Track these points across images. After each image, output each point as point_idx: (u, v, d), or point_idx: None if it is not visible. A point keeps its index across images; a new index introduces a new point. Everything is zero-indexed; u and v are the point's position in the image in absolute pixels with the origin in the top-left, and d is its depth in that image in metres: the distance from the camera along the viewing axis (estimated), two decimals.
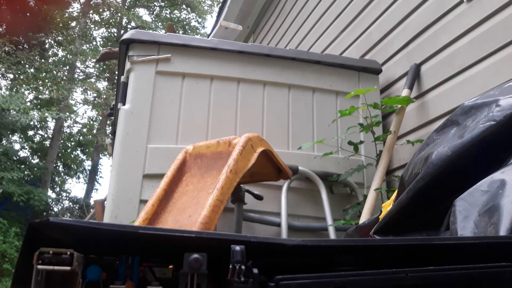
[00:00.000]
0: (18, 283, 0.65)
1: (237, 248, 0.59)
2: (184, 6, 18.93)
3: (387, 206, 1.49)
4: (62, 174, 16.72)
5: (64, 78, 15.12)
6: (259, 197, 2.17)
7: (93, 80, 16.80)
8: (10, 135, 13.44)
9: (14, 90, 14.13)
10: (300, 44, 4.11)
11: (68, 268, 0.57)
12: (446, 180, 1.07)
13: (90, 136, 17.04)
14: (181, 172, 1.97)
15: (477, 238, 0.81)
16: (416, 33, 2.54)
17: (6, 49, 13.20)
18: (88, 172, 17.04)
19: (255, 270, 0.60)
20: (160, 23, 18.16)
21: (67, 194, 16.77)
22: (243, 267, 0.58)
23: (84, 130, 17.53)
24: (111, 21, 17.89)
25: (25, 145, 15.15)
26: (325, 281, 0.63)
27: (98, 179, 16.89)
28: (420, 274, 0.67)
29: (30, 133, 15.77)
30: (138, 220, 1.74)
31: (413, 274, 0.66)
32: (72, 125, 17.25)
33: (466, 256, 0.75)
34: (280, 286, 0.60)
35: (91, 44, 17.23)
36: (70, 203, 16.17)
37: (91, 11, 16.97)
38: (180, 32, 17.81)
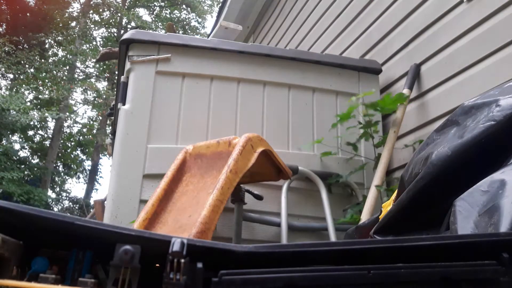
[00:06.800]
0: None
1: (178, 240, 0.53)
2: (184, 6, 18.93)
3: (387, 206, 1.49)
4: (62, 174, 16.73)
5: (64, 78, 15.13)
6: (259, 197, 2.17)
7: (93, 80, 16.81)
8: (10, 135, 13.44)
9: (14, 90, 14.13)
10: (300, 44, 4.11)
11: None
12: (446, 180, 1.07)
13: (90, 136, 17.05)
14: (181, 172, 1.97)
15: (456, 237, 0.73)
16: (416, 33, 2.54)
17: (6, 49, 13.20)
18: (88, 172, 17.04)
19: (200, 265, 0.54)
20: (160, 23, 18.15)
21: (67, 194, 16.80)
22: (182, 260, 0.51)
23: (84, 130, 17.54)
24: (111, 21, 17.89)
25: (25, 145, 15.16)
26: (273, 277, 0.56)
27: (98, 179, 16.91)
28: (384, 272, 0.60)
29: (30, 133, 15.78)
30: (138, 220, 1.73)
31: (376, 271, 0.59)
32: (72, 125, 17.28)
33: (448, 256, 0.67)
34: (223, 281, 0.55)
35: (91, 44, 17.24)
36: (70, 203, 16.18)
37: (91, 11, 16.98)
38: (180, 32, 17.80)
